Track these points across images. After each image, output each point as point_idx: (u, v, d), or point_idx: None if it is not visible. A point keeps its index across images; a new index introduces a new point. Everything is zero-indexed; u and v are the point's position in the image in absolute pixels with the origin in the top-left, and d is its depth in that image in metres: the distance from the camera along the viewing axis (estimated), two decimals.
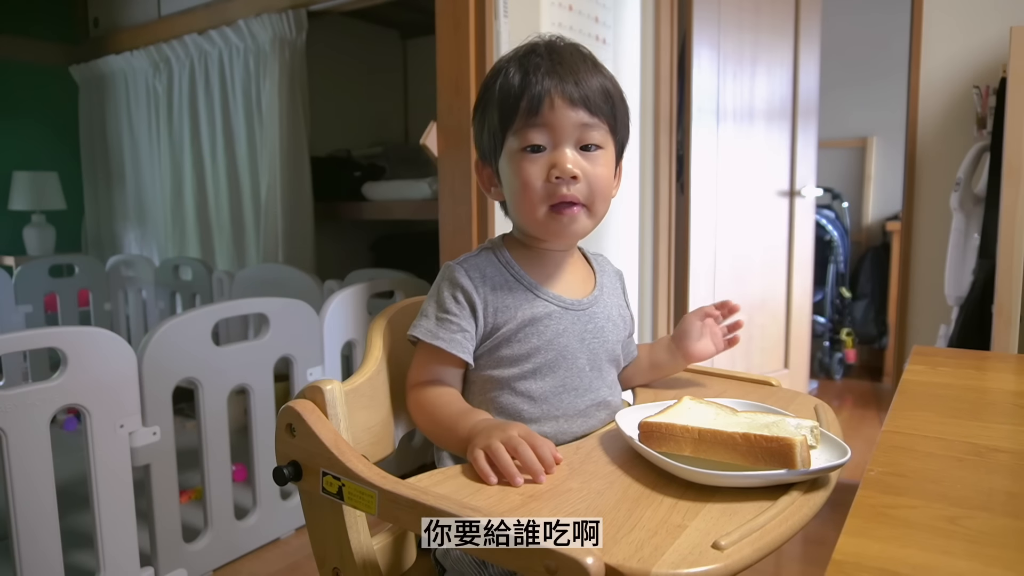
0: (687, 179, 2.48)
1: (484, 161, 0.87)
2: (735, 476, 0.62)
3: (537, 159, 0.79)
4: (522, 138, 0.79)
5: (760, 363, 2.74)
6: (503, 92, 0.80)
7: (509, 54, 0.84)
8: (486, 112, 0.83)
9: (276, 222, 2.71)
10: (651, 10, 2.34)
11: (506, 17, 1.71)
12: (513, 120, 0.79)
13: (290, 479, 0.70)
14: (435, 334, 0.80)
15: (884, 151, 3.69)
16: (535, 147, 0.79)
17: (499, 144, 0.82)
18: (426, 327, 0.82)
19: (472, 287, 0.81)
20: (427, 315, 0.83)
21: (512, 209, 0.85)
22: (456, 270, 0.83)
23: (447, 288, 0.82)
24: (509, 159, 0.81)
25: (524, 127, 0.79)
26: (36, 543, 1.36)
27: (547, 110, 0.78)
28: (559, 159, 0.79)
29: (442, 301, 0.82)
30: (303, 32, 2.64)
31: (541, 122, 0.78)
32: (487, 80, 0.84)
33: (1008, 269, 1.68)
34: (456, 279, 0.82)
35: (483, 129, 0.84)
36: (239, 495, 1.81)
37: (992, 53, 2.06)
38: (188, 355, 1.62)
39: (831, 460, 0.65)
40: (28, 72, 3.40)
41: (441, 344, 0.80)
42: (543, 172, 0.79)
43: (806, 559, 1.78)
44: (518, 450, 0.67)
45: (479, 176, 0.89)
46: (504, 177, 0.83)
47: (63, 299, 3.06)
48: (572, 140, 0.79)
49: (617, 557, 0.51)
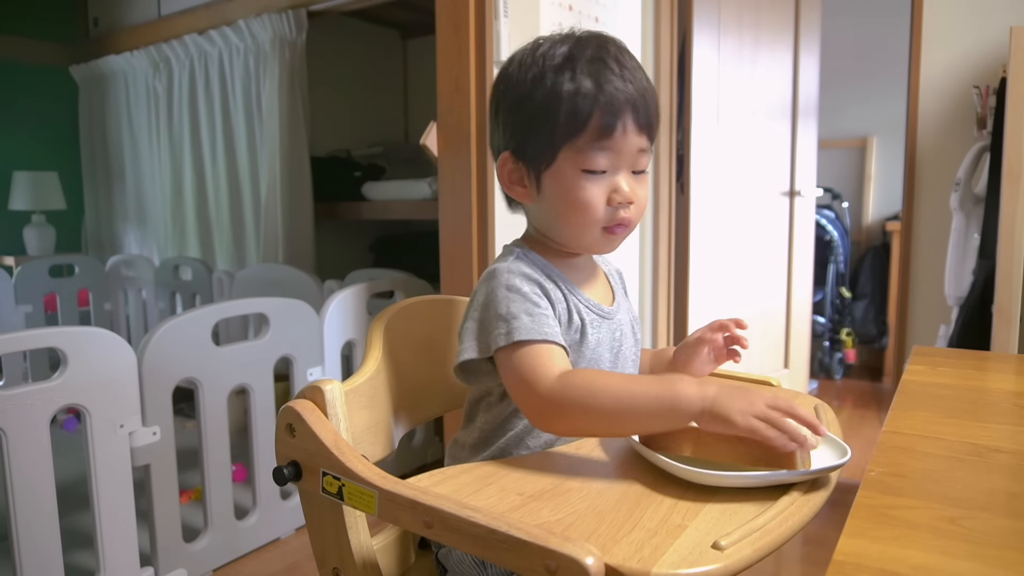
0: (687, 179, 2.48)
1: (518, 159, 0.80)
2: (735, 476, 0.62)
3: (599, 181, 0.76)
4: (586, 159, 0.75)
5: (760, 363, 2.74)
6: (572, 100, 0.74)
7: (562, 49, 0.77)
8: (543, 114, 0.76)
9: (276, 222, 2.71)
10: (651, 10, 2.34)
11: (506, 17, 1.71)
12: (579, 135, 0.75)
13: (290, 479, 0.70)
14: (540, 331, 0.72)
15: (884, 151, 3.69)
16: (598, 171, 0.76)
17: (552, 152, 0.76)
18: (525, 327, 0.72)
19: (540, 279, 0.77)
20: (515, 315, 0.73)
21: (556, 220, 0.80)
22: (519, 267, 0.77)
23: (524, 282, 0.76)
24: (564, 174, 0.76)
25: (591, 148, 0.75)
26: (36, 543, 1.36)
27: (619, 135, 0.75)
28: (620, 186, 0.76)
29: (527, 297, 0.74)
30: (303, 32, 2.64)
31: (610, 146, 0.75)
32: (538, 73, 0.76)
33: (1008, 269, 1.68)
34: (527, 273, 0.77)
35: (531, 128, 0.77)
36: (239, 495, 1.81)
37: (992, 53, 2.06)
38: (188, 355, 1.62)
39: (831, 460, 0.65)
40: (28, 72, 3.40)
41: (553, 338, 0.72)
42: (604, 195, 0.76)
43: (806, 559, 1.78)
44: (792, 413, 0.62)
45: (504, 169, 0.81)
46: (551, 188, 0.78)
47: (63, 299, 3.06)
48: (629, 165, 0.78)
49: (617, 557, 0.51)
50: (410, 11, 3.01)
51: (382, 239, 3.28)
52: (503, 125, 0.81)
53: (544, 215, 0.81)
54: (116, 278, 3.18)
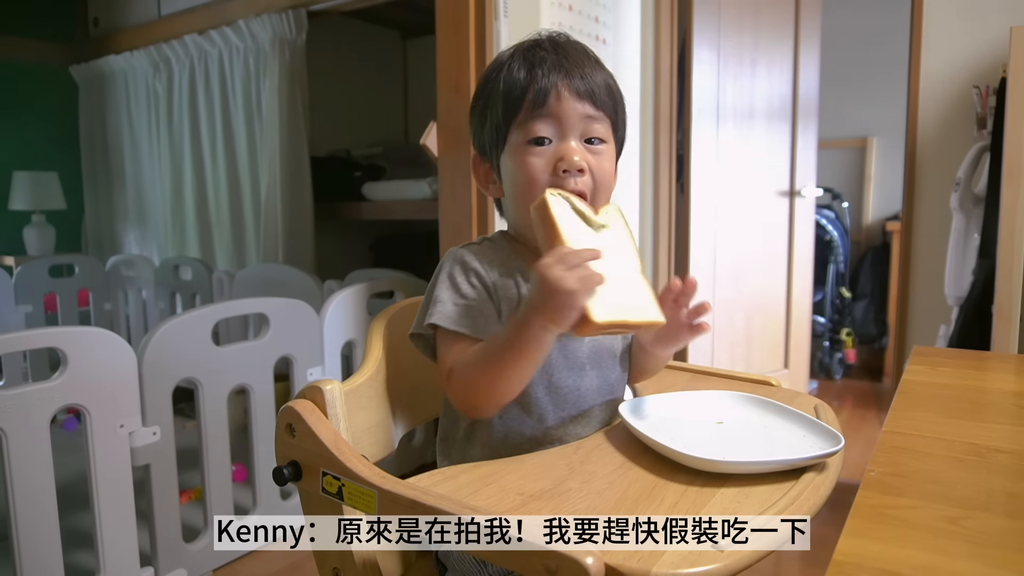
0: (687, 179, 2.48)
1: (483, 156, 0.85)
2: (739, 464, 0.64)
3: (542, 152, 0.77)
4: (527, 130, 0.78)
5: (760, 363, 2.74)
6: (508, 85, 0.79)
7: (510, 49, 0.82)
8: (488, 106, 0.81)
9: (276, 222, 2.71)
10: (651, 10, 2.34)
11: (506, 17, 1.71)
12: (518, 112, 0.78)
13: (290, 479, 0.70)
14: (456, 320, 0.76)
15: (884, 151, 3.69)
16: (540, 139, 0.77)
17: (502, 138, 0.80)
18: (444, 313, 0.76)
19: (483, 271, 0.79)
20: (441, 301, 0.77)
21: (512, 205, 0.82)
22: (465, 254, 0.80)
23: (460, 272, 0.79)
24: (512, 153, 0.79)
25: (529, 119, 0.77)
26: (36, 543, 1.36)
27: (553, 101, 0.77)
28: (566, 151, 0.77)
29: (458, 285, 0.78)
30: (303, 32, 2.64)
31: (547, 113, 0.77)
32: (488, 74, 0.82)
33: (1008, 269, 1.68)
34: (467, 262, 0.79)
35: (484, 123, 0.82)
36: (239, 495, 1.81)
37: (992, 53, 2.06)
38: (188, 355, 1.62)
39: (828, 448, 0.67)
40: (28, 72, 3.40)
41: (464, 329, 0.75)
42: (549, 165, 0.77)
43: (806, 559, 1.78)
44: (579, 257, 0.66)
45: (476, 172, 0.87)
46: (506, 172, 0.81)
47: (63, 299, 3.06)
48: (577, 132, 0.78)
49: (617, 557, 0.51)
50: (410, 11, 3.01)
51: (382, 239, 3.28)
52: (470, 128, 0.86)
53: (508, 205, 0.84)
54: (116, 278, 3.18)
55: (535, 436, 0.79)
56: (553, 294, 0.65)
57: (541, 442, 0.79)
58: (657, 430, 0.72)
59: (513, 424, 0.79)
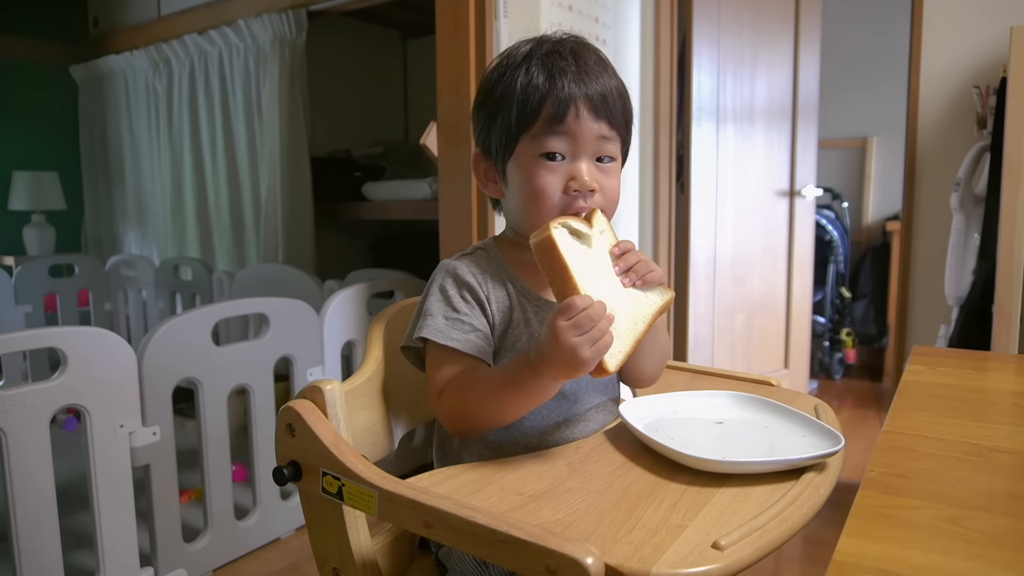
0: (687, 179, 2.48)
1: (486, 155, 0.83)
2: (739, 464, 0.64)
3: (555, 168, 0.77)
4: (540, 144, 0.76)
5: (760, 363, 2.75)
6: (526, 91, 0.76)
7: (524, 47, 0.80)
8: (499, 108, 0.79)
9: (276, 222, 2.71)
10: (651, 10, 2.34)
11: (506, 17, 1.71)
12: (533, 124, 0.76)
13: (290, 479, 0.70)
14: (447, 335, 0.76)
15: (884, 151, 3.69)
16: (553, 155, 0.76)
17: (511, 144, 0.79)
18: (435, 327, 0.76)
19: (477, 284, 0.79)
20: (432, 314, 0.77)
21: (517, 211, 0.82)
22: (458, 267, 0.80)
23: (452, 286, 0.79)
24: (523, 163, 0.78)
25: (545, 134, 0.76)
26: (36, 543, 1.36)
27: (572, 120, 0.76)
28: (579, 172, 0.76)
29: (449, 299, 0.78)
30: (303, 32, 2.64)
31: (564, 131, 0.76)
32: (501, 72, 0.80)
33: (1008, 269, 1.68)
34: (460, 276, 0.79)
35: (493, 124, 0.80)
36: (239, 495, 1.81)
37: (992, 53, 2.06)
38: (188, 355, 1.62)
39: (827, 448, 0.67)
40: (28, 72, 3.40)
41: (455, 344, 0.75)
42: (561, 183, 0.76)
43: (806, 559, 1.78)
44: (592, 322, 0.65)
45: (476, 169, 0.85)
46: (513, 179, 0.80)
47: (63, 299, 3.06)
48: (591, 152, 0.78)
49: (617, 557, 0.51)
50: (410, 11, 3.01)
51: (382, 239, 3.28)
52: (474, 124, 0.85)
53: (510, 208, 0.84)
54: (116, 278, 3.18)
55: (531, 442, 0.79)
56: (568, 359, 0.65)
57: (537, 447, 0.78)
58: (657, 430, 0.72)
59: (510, 429, 0.79)
